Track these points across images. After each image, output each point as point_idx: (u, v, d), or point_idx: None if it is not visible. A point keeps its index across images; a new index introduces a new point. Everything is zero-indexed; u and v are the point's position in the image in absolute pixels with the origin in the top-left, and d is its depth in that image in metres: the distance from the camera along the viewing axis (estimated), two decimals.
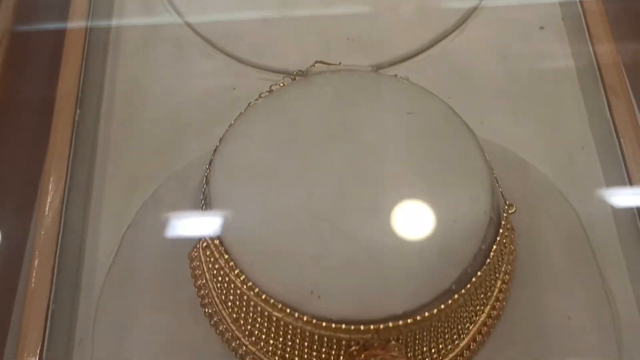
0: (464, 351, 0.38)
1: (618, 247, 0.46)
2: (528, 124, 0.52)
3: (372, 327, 0.34)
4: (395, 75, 0.42)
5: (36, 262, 0.45)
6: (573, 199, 0.48)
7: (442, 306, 0.35)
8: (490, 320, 0.39)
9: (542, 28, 0.55)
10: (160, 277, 0.43)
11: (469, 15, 0.56)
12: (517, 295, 0.41)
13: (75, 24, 0.53)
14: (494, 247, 0.37)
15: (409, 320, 0.34)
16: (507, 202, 0.40)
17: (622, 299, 0.44)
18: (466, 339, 0.38)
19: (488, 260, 0.36)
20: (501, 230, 0.37)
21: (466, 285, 0.35)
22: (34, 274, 0.44)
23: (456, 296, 0.35)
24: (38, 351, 0.42)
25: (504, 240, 0.38)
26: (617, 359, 0.42)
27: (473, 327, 0.38)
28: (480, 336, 0.39)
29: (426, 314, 0.34)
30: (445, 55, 0.55)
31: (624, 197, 0.46)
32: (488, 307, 0.39)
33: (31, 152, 0.52)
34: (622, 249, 0.46)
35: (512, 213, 0.39)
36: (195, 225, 0.39)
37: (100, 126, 0.53)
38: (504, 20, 0.56)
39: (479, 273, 0.36)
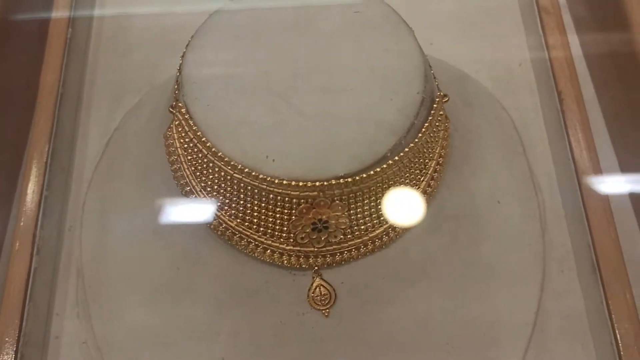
0: None
1: (547, 146, 0.52)
2: (473, 44, 0.58)
3: (317, 184, 0.39)
4: None
5: (33, 161, 0.50)
6: (509, 107, 0.54)
7: (378, 169, 0.40)
8: (425, 195, 0.45)
9: None
10: (140, 168, 0.49)
11: None
12: (451, 178, 0.47)
13: None
14: (426, 124, 0.42)
15: (349, 180, 0.40)
16: (442, 93, 0.45)
17: (548, 189, 0.51)
18: None
19: (420, 134, 0.42)
20: (433, 112, 0.43)
21: (400, 153, 0.41)
22: (32, 172, 0.50)
23: (390, 162, 0.41)
24: (32, 235, 0.48)
25: (437, 123, 0.44)
26: (541, 238, 0.48)
27: None
28: None
29: (364, 175, 0.40)
30: None
31: (553, 105, 0.52)
32: (423, 183, 0.45)
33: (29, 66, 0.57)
34: (550, 147, 0.52)
35: (445, 101, 0.45)
36: (169, 114, 0.45)
37: (90, 44, 0.58)
38: None
39: (411, 145, 0.41)
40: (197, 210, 0.44)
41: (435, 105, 0.44)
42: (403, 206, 0.44)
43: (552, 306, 0.46)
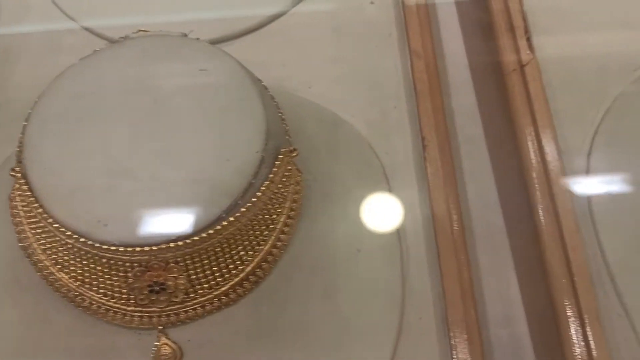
0: (249, 276, 0.44)
1: (415, 191, 0.52)
2: (351, 87, 0.58)
3: (147, 249, 0.39)
4: (198, 39, 0.48)
5: None
6: (381, 151, 0.54)
7: (212, 231, 0.40)
8: (275, 250, 0.45)
9: (372, 3, 0.62)
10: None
11: None
12: (308, 229, 0.47)
13: None
14: (266, 183, 0.43)
15: (180, 243, 0.40)
16: (292, 147, 0.46)
17: (413, 235, 0.51)
18: (251, 265, 0.44)
19: (259, 193, 0.42)
20: (275, 169, 0.43)
21: (236, 214, 0.41)
22: None
23: (225, 223, 0.41)
24: None
25: (283, 179, 0.44)
26: (400, 286, 0.48)
27: (257, 254, 0.44)
28: (266, 263, 0.45)
29: (197, 238, 0.40)
30: (284, 29, 0.61)
31: (418, 149, 0.52)
32: (272, 238, 0.45)
33: None
34: (419, 193, 0.52)
35: (294, 156, 0.45)
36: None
37: None
38: None
39: (248, 204, 0.42)
40: (40, 272, 0.44)
41: (277, 162, 0.44)
42: (250, 263, 0.44)
43: (407, 355, 0.46)
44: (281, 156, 0.44)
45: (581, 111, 0.55)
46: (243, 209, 0.41)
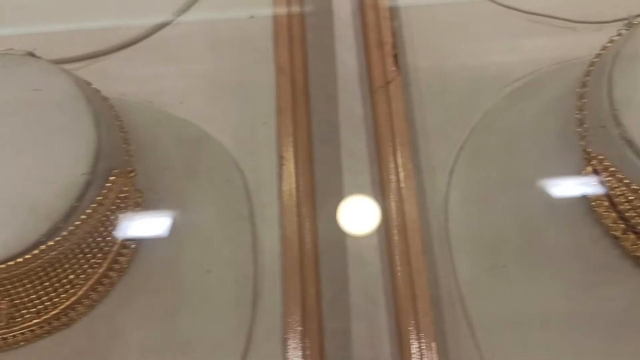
0: (82, 300, 0.44)
1: (275, 208, 0.51)
2: (223, 102, 0.57)
3: None
4: (39, 58, 0.47)
5: None
6: (248, 168, 0.53)
7: (29, 256, 0.40)
8: (112, 272, 0.44)
9: (251, 17, 0.61)
10: None
11: (188, 6, 0.61)
12: (151, 250, 0.47)
13: None
14: (93, 205, 0.42)
15: None
16: (129, 168, 0.45)
17: (271, 254, 0.50)
18: (83, 289, 0.43)
19: (84, 216, 0.41)
20: (105, 191, 0.42)
21: (56, 238, 0.40)
22: None
23: (44, 247, 0.40)
24: None
25: (117, 200, 0.44)
26: (250, 306, 0.47)
27: (90, 278, 0.43)
28: (101, 286, 0.44)
29: (11, 263, 0.39)
30: (164, 41, 0.60)
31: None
32: (108, 260, 0.44)
33: None
34: (279, 209, 0.51)
35: (132, 177, 0.45)
36: None
37: None
38: (219, 9, 0.62)
39: (71, 228, 0.41)
40: None
41: (109, 184, 0.43)
42: (82, 287, 0.43)
43: None
44: (113, 177, 0.43)
45: (450, 127, 0.54)
46: (65, 233, 0.41)
